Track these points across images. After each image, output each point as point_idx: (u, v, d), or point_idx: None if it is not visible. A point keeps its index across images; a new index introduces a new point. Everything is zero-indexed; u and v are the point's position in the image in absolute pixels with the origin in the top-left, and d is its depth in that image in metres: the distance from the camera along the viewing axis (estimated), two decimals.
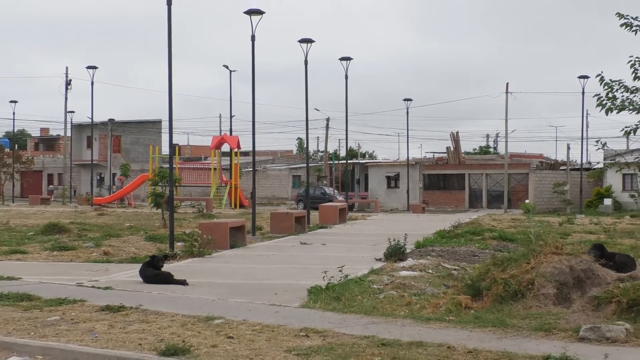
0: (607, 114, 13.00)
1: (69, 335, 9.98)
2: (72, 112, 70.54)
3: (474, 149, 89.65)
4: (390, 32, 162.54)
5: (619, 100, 13.04)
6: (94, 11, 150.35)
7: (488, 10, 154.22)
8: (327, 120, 74.30)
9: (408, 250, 20.01)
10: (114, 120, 76.35)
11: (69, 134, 73.80)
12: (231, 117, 64.49)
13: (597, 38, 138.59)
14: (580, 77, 51.99)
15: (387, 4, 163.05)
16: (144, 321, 10.86)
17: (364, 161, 76.30)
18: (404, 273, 16.56)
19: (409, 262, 18.39)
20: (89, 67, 56.88)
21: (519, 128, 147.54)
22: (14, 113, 72.50)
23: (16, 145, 78.86)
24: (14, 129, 79.09)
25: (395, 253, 18.96)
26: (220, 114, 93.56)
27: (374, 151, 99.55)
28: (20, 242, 23.18)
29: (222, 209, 49.17)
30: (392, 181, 66.77)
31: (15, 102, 71.58)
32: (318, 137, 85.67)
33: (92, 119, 63.31)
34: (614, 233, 28.30)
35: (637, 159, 20.54)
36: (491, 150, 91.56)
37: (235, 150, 57.53)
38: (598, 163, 62.31)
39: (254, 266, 18.88)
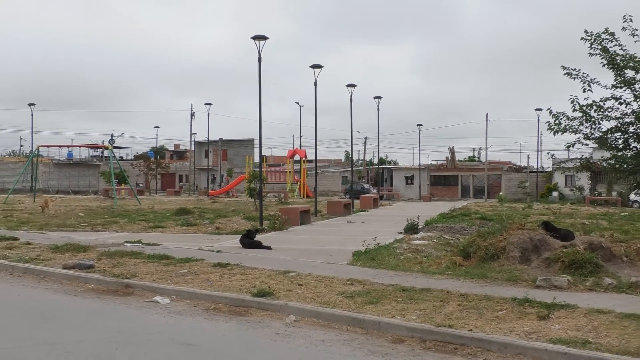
0: (554, 134, 16.35)
1: (193, 282, 12.37)
2: (195, 133, 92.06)
3: (464, 158, 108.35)
4: (406, 80, 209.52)
5: (562, 125, 16.17)
6: (210, 65, 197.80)
7: (473, 63, 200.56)
8: (365, 139, 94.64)
9: (420, 226, 23.34)
10: (222, 139, 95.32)
11: (192, 148, 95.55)
12: (300, 136, 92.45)
13: (549, 82, 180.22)
14: (537, 109, 68.67)
15: (403, 61, 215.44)
16: (242, 273, 13.46)
17: (389, 166, 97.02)
18: (417, 242, 19.14)
19: (421, 234, 21.49)
20: (206, 104, 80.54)
21: (495, 144, 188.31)
22: (157, 134, 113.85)
23: (158, 156, 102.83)
24: (157, 145, 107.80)
25: (411, 228, 22.36)
26: (293, 135, 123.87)
27: (396, 159, 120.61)
28: (160, 220, 28.80)
29: (294, 199, 58.53)
30: (409, 180, 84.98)
31: (157, 127, 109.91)
32: (359, 150, 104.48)
33: (208, 138, 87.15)
34: (559, 215, 33.52)
35: (574, 165, 23.12)
36: (476, 159, 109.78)
37: (303, 159, 74.00)
38: (549, 167, 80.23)
39: (316, 237, 22.27)
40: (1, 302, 11.45)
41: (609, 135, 16.39)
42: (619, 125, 16.20)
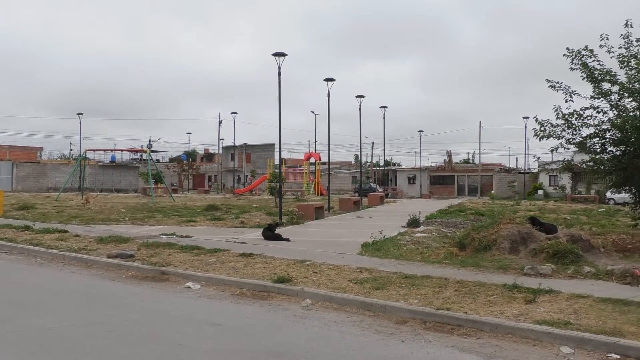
0: (540, 140, 16.86)
1: (221, 270, 12.48)
2: (222, 139, 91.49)
3: (460, 161, 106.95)
4: (408, 92, 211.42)
5: (546, 132, 16.23)
6: (235, 78, 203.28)
7: (467, 77, 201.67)
8: (372, 143, 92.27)
9: (421, 221, 23.18)
10: (246, 143, 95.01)
11: (220, 152, 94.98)
12: (315, 141, 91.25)
13: (535, 93, 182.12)
14: (524, 117, 66.03)
15: (406, 76, 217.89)
16: (264, 262, 13.52)
17: (394, 168, 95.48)
18: (418, 235, 19.11)
19: (422, 228, 21.40)
20: (232, 113, 79.82)
21: (487, 148, 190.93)
22: (189, 140, 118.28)
23: (190, 158, 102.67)
24: (189, 149, 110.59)
25: (413, 222, 22.26)
26: (308, 140, 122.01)
27: (400, 162, 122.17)
28: (192, 215, 28.61)
29: (310, 196, 58.48)
30: (411, 180, 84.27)
31: (189, 133, 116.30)
32: (367, 154, 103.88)
33: (234, 143, 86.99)
34: (544, 211, 33.31)
35: (557, 166, 23.49)
36: (470, 161, 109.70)
37: (318, 161, 74.04)
38: (535, 169, 78.92)
39: (329, 230, 22.18)
40: (54, 286, 11.53)
41: (588, 141, 16.35)
42: (597, 131, 16.16)
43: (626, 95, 15.75)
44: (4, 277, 12.54)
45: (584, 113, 16.09)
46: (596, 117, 16.09)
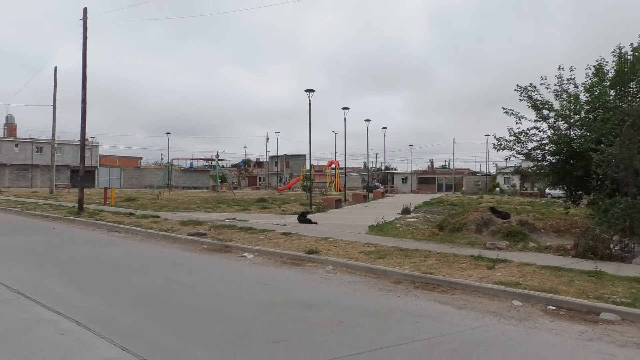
0: (497, 151, 16.66)
1: (268, 244, 12.47)
2: (269, 150, 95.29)
3: (440, 166, 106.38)
4: (402, 116, 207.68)
5: (502, 145, 16.05)
6: (277, 107, 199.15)
7: (444, 105, 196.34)
8: (376, 154, 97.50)
9: (411, 210, 22.81)
10: (286, 154, 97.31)
11: (267, 160, 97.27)
12: (335, 152, 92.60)
13: (493, 117, 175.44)
14: (486, 135, 69.74)
15: (400, 104, 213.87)
16: (299, 239, 13.46)
17: (391, 171, 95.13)
18: (409, 219, 18.68)
19: (412, 214, 20.92)
20: (276, 132, 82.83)
21: (459, 157, 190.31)
22: (245, 151, 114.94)
23: (245, 165, 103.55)
24: (245, 158, 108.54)
25: (406, 210, 22.06)
26: (330, 152, 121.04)
27: (396, 167, 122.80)
28: (247, 205, 28.45)
29: (331, 192, 57.59)
30: (404, 180, 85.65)
31: (245, 146, 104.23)
32: (372, 161, 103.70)
33: (277, 154, 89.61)
34: (500, 202, 32.32)
35: (510, 170, 23.51)
36: (447, 166, 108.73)
37: (337, 167, 72.10)
38: (494, 172, 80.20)
39: (345, 216, 22.02)
40: (150, 256, 11.68)
41: (532, 152, 16.23)
42: (538, 145, 16.04)
43: (559, 119, 15.73)
44: (115, 248, 12.73)
45: (529, 132, 16.00)
46: (538, 134, 16.01)
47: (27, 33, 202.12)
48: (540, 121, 15.92)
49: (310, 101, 27.74)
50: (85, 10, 23.94)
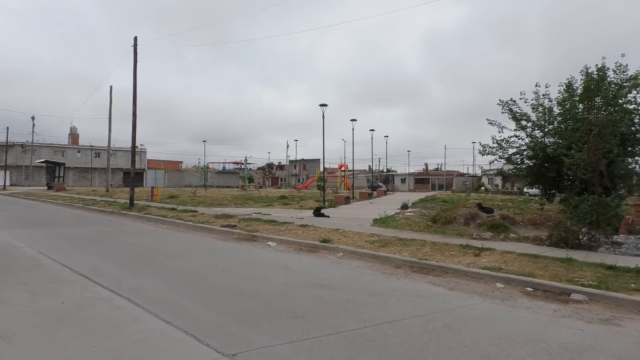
0: (482, 156, 16.73)
1: (288, 234, 12.36)
2: (289, 156, 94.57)
3: (434, 169, 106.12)
4: (401, 127, 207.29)
5: (486, 151, 15.52)
6: (295, 119, 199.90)
7: (437, 117, 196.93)
8: (379, 159, 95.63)
9: (409, 205, 22.40)
10: (303, 158, 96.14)
11: (287, 164, 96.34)
12: (345, 157, 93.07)
13: (479, 127, 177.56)
14: (472, 142, 68.38)
15: (399, 116, 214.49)
16: (314, 230, 13.12)
17: (392, 173, 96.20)
18: (408, 214, 18.48)
19: (410, 210, 20.65)
20: (295, 140, 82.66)
21: (450, 161, 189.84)
22: (269, 156, 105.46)
23: (269, 168, 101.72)
24: (268, 162, 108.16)
25: (404, 206, 21.70)
26: (340, 157, 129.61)
27: (396, 169, 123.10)
28: (270, 202, 27.77)
29: (341, 191, 57.18)
30: (403, 180, 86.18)
31: (269, 152, 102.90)
32: (376, 164, 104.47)
33: (296, 158, 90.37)
34: (485, 199, 32.00)
35: (493, 172, 23.26)
36: (439, 169, 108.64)
37: (346, 169, 71.43)
38: (479, 174, 78.91)
39: (353, 211, 21.82)
40: (189, 244, 11.74)
41: (513, 157, 16.01)
42: (518, 151, 15.77)
43: (536, 128, 15.46)
44: (161, 238, 12.83)
45: (510, 139, 15.72)
46: (517, 142, 15.69)
47: (87, 58, 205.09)
48: (519, 130, 15.70)
49: (323, 114, 27.78)
50: (135, 38, 24.22)
